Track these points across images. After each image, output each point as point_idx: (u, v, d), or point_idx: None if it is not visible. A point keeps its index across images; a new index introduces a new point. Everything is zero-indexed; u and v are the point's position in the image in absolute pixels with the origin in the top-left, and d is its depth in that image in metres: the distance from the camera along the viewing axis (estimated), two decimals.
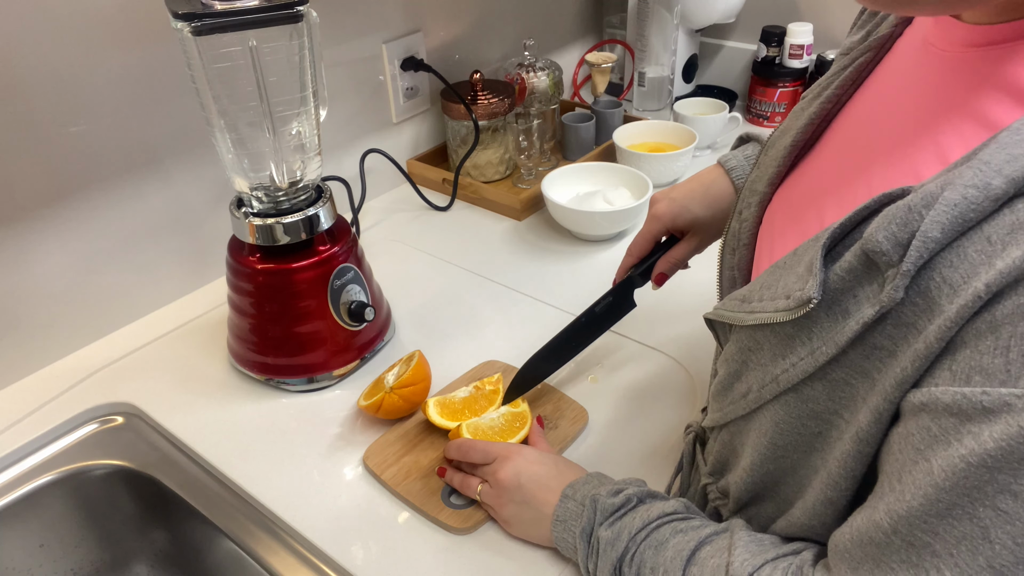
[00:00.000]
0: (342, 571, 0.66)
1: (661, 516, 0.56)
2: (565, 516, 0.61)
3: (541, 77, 1.29)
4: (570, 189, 1.16)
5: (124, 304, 0.96)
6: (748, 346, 0.51)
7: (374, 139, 1.22)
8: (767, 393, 0.49)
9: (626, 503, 0.58)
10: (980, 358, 0.36)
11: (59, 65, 0.80)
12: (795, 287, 0.45)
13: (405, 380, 0.78)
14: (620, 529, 0.57)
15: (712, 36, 1.56)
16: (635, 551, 0.55)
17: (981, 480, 0.36)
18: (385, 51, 1.18)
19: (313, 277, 0.81)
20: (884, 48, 0.54)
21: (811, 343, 0.45)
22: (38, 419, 0.83)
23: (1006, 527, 0.36)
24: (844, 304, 0.43)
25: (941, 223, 0.37)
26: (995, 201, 0.36)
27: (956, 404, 0.37)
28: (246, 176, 0.80)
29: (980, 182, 0.36)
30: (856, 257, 0.42)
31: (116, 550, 0.84)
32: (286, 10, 0.70)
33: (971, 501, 0.37)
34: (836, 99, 0.55)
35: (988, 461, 0.35)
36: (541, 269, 1.06)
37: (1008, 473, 0.35)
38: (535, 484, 0.65)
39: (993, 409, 0.35)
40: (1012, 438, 0.34)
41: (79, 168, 0.86)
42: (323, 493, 0.73)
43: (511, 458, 0.67)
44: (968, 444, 0.36)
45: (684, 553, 0.52)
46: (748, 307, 0.49)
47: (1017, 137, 0.36)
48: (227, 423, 0.82)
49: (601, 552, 0.57)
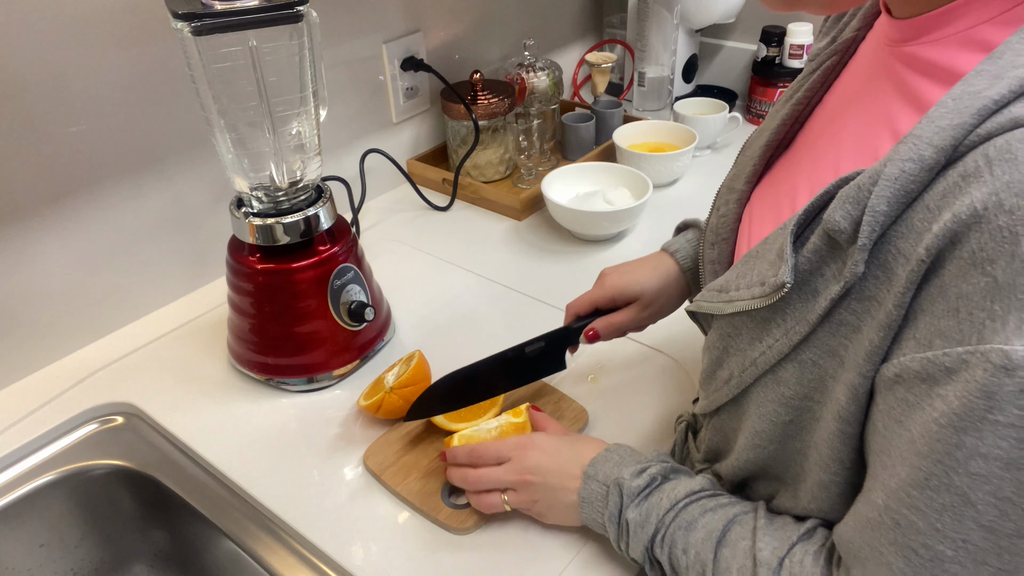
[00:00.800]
0: (342, 571, 0.66)
1: (689, 495, 0.57)
2: (591, 497, 0.61)
3: (541, 77, 1.29)
4: (570, 189, 1.16)
5: (124, 304, 0.96)
6: (728, 332, 0.53)
7: (374, 139, 1.22)
8: (747, 377, 0.51)
9: (651, 483, 0.59)
10: (937, 322, 0.39)
11: (59, 65, 0.80)
12: (769, 273, 0.47)
13: (405, 380, 0.78)
14: (648, 510, 0.57)
15: (712, 36, 1.56)
16: (664, 532, 0.56)
17: (951, 444, 0.38)
18: (385, 51, 1.18)
19: (313, 277, 0.81)
20: (849, 51, 0.57)
21: (785, 324, 0.47)
22: (38, 419, 0.83)
23: (984, 487, 0.38)
24: (814, 284, 0.45)
25: (886, 197, 0.40)
26: (930, 171, 0.39)
27: (924, 370, 0.39)
28: (246, 176, 0.80)
29: (915, 155, 0.39)
30: (820, 238, 0.45)
31: (116, 550, 0.84)
32: (286, 10, 0.70)
33: (945, 469, 0.39)
34: (807, 101, 0.58)
35: (955, 421, 0.38)
36: (541, 269, 1.06)
37: (974, 435, 0.37)
38: (556, 475, 0.64)
39: (954, 368, 0.38)
40: (971, 394, 0.37)
41: (79, 168, 0.86)
42: (323, 493, 0.73)
43: (527, 453, 0.65)
44: (939, 406, 0.38)
45: (715, 534, 0.53)
46: (726, 296, 0.52)
47: (943, 110, 0.39)
48: (227, 423, 0.82)
49: (632, 533, 0.58)
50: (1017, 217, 0.35)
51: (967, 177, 0.38)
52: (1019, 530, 0.37)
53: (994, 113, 0.38)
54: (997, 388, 0.36)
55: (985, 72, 0.39)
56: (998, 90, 0.38)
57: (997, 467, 0.37)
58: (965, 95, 0.39)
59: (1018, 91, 0.37)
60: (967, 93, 0.39)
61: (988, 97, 0.38)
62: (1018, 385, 0.35)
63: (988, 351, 0.36)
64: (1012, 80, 0.37)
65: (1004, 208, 0.35)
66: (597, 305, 0.77)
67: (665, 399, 0.82)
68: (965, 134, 0.38)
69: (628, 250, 1.10)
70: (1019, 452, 0.36)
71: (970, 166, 0.38)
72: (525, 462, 0.65)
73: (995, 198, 0.36)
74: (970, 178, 0.37)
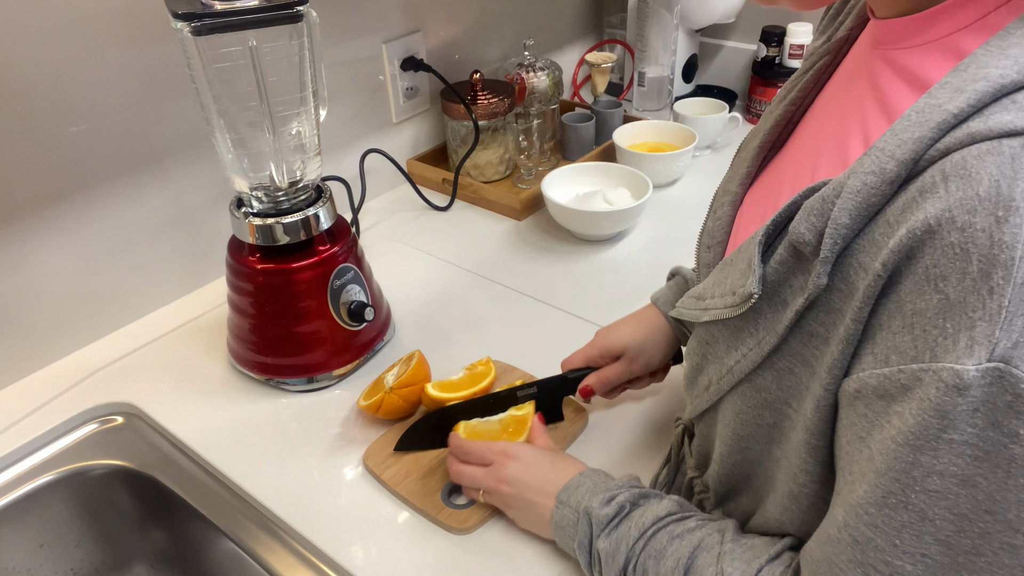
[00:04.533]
0: (342, 571, 0.67)
1: (656, 521, 0.57)
2: (563, 523, 0.61)
3: (541, 77, 1.29)
4: (570, 189, 1.16)
5: (124, 304, 0.96)
6: (706, 339, 0.54)
7: (374, 139, 1.22)
8: (725, 384, 0.52)
9: (620, 511, 0.58)
10: (894, 338, 0.39)
11: (59, 65, 0.80)
12: (739, 283, 0.48)
13: (405, 380, 0.78)
14: (618, 540, 0.57)
15: (712, 36, 1.56)
16: (635, 561, 0.56)
17: (908, 463, 0.38)
18: (385, 51, 1.18)
19: (313, 277, 0.81)
20: (842, 51, 0.56)
21: (757, 334, 0.48)
22: (38, 419, 0.83)
23: (941, 503, 0.38)
24: (783, 295, 0.46)
25: (848, 209, 0.40)
26: (891, 184, 0.39)
27: (881, 386, 0.39)
28: (246, 176, 0.80)
29: (877, 168, 0.39)
30: (787, 249, 0.45)
31: (116, 550, 0.84)
32: (286, 10, 0.70)
33: (903, 488, 0.39)
34: (799, 101, 0.58)
35: (911, 440, 0.38)
36: (541, 269, 1.06)
37: (929, 454, 0.37)
38: (532, 489, 0.65)
39: (909, 385, 0.38)
40: (925, 412, 0.37)
41: (79, 168, 0.86)
42: (323, 493, 0.73)
43: (507, 463, 0.66)
44: (896, 424, 0.39)
45: (683, 562, 0.53)
46: (703, 304, 0.52)
47: (907, 123, 0.39)
48: (227, 423, 0.82)
49: (604, 564, 0.58)
50: (968, 235, 0.35)
51: (924, 192, 0.37)
52: (975, 547, 0.38)
53: (953, 127, 0.37)
54: (951, 408, 0.36)
55: (948, 84, 0.39)
56: (957, 104, 0.37)
57: (953, 484, 0.37)
58: (927, 108, 0.39)
59: (976, 105, 0.37)
60: (930, 106, 0.39)
61: (948, 111, 0.37)
62: (970, 405, 0.35)
63: (940, 370, 0.36)
64: (971, 94, 0.37)
65: (956, 225, 0.35)
66: (587, 361, 0.78)
67: (665, 398, 0.82)
68: (925, 148, 0.38)
69: (628, 250, 1.10)
70: (974, 469, 0.36)
71: (927, 181, 0.37)
72: (504, 471, 0.66)
73: (948, 214, 0.36)
74: (927, 193, 0.37)
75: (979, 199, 0.35)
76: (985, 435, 0.36)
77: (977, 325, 0.35)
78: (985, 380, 0.35)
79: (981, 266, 0.35)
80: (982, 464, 0.36)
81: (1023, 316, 0.34)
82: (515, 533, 0.68)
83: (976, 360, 0.35)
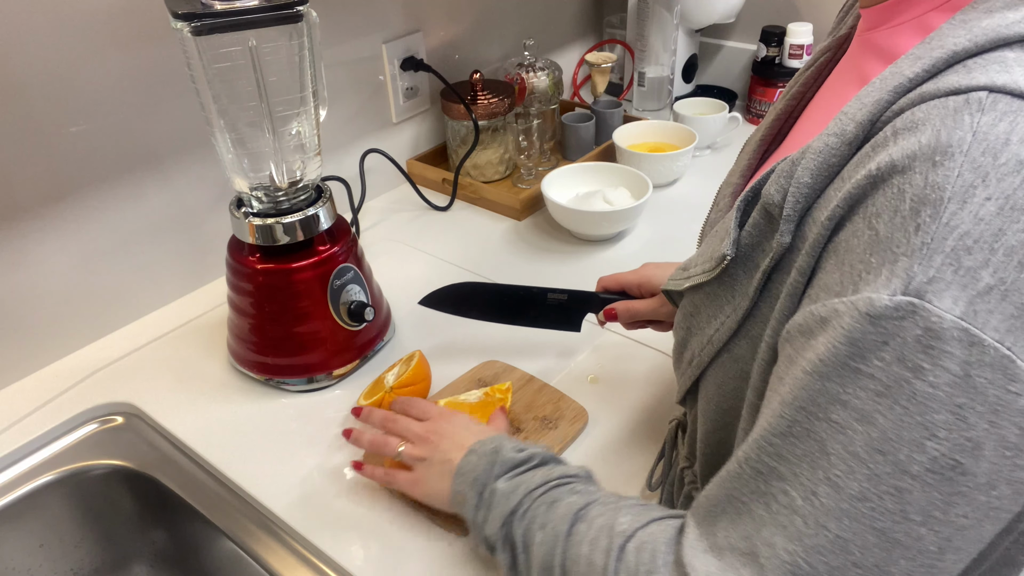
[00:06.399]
0: (342, 571, 0.67)
1: (562, 477, 0.56)
2: (466, 468, 0.60)
3: (541, 77, 1.29)
4: (570, 189, 1.16)
5: (124, 304, 0.96)
6: (689, 311, 0.54)
7: (374, 139, 1.22)
8: (706, 356, 0.52)
9: (528, 460, 0.59)
10: (825, 277, 0.40)
11: (59, 65, 0.80)
12: (718, 249, 0.49)
13: (405, 380, 0.78)
14: (518, 484, 0.56)
15: (712, 36, 1.56)
16: (529, 506, 0.54)
17: (815, 391, 0.38)
18: (385, 51, 1.18)
19: (313, 277, 0.81)
20: (842, 48, 0.58)
21: (734, 300, 0.48)
22: (38, 419, 0.83)
23: (839, 437, 0.37)
24: (755, 259, 0.47)
25: (810, 169, 0.42)
26: (850, 145, 0.41)
27: (804, 323, 0.40)
28: (246, 176, 0.80)
29: (838, 130, 0.41)
30: (759, 213, 0.46)
31: (116, 550, 0.84)
32: (286, 10, 0.70)
33: (808, 416, 0.38)
34: (800, 96, 0.60)
35: (820, 367, 0.38)
36: (541, 269, 1.06)
37: (836, 381, 0.37)
38: (450, 443, 0.64)
39: (827, 318, 0.38)
40: (836, 340, 0.37)
41: (79, 168, 0.86)
42: (323, 493, 0.73)
43: (441, 421, 0.68)
44: (808, 356, 0.39)
45: (574, 509, 0.52)
46: (686, 274, 0.53)
47: (870, 88, 0.41)
48: (227, 423, 0.82)
49: (494, 504, 0.56)
50: (907, 177, 0.36)
51: (876, 147, 0.39)
52: (862, 491, 0.37)
53: (908, 91, 0.39)
54: (861, 336, 0.36)
55: (912, 55, 0.41)
56: (913, 69, 0.39)
57: (853, 418, 0.37)
58: (890, 75, 0.41)
59: (931, 71, 0.39)
60: (892, 73, 0.41)
61: (905, 76, 0.39)
62: (881, 336, 0.35)
63: (857, 300, 0.36)
64: (927, 60, 0.39)
65: (897, 168, 0.37)
66: (624, 286, 0.78)
67: (665, 398, 0.82)
68: (883, 110, 0.40)
69: (628, 250, 1.10)
70: (873, 405, 0.36)
71: (879, 138, 0.39)
72: (436, 424, 0.67)
73: (889, 159, 0.37)
74: (878, 148, 0.39)
75: (920, 146, 0.36)
76: (890, 370, 0.35)
77: (899, 260, 0.35)
78: (898, 312, 0.35)
79: (912, 205, 0.36)
80: (882, 400, 0.36)
81: (943, 254, 0.34)
82: None
83: (891, 291, 0.35)
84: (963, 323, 0.34)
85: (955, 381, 0.34)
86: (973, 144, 0.35)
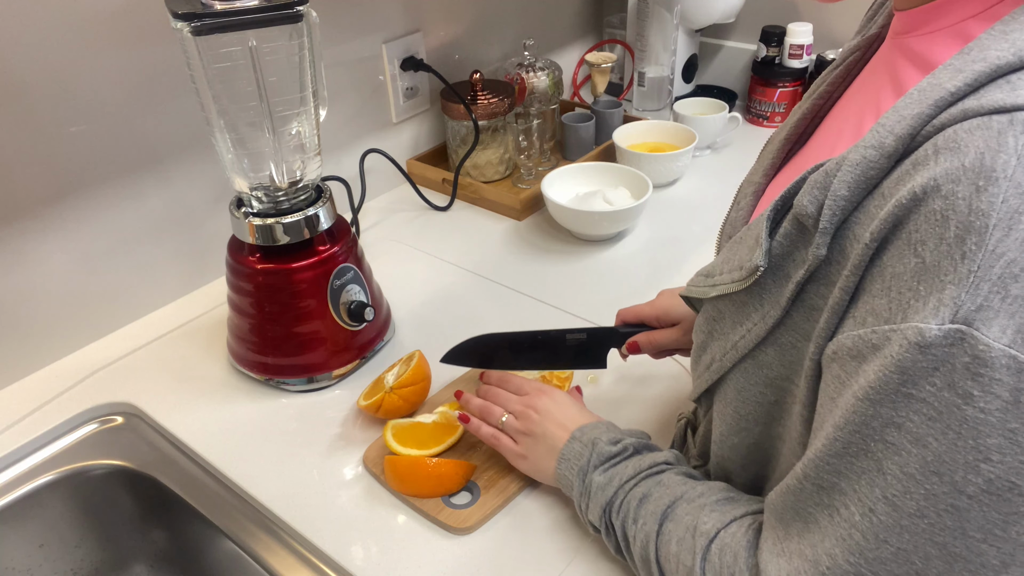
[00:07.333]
0: (342, 571, 0.67)
1: (652, 466, 0.60)
2: (569, 455, 0.65)
3: (541, 77, 1.29)
4: (570, 189, 1.16)
5: (124, 304, 0.96)
6: (712, 316, 0.54)
7: (374, 139, 1.22)
8: (728, 361, 0.52)
9: (622, 452, 0.62)
10: (872, 301, 0.40)
11: (59, 65, 0.80)
12: (747, 258, 0.49)
13: (405, 380, 0.78)
14: (612, 476, 0.61)
15: (712, 36, 1.56)
16: (622, 500, 0.59)
17: (868, 415, 0.39)
18: (385, 51, 1.18)
19: (313, 277, 0.81)
20: (872, 48, 0.57)
21: (762, 308, 0.48)
22: (38, 419, 0.83)
23: (894, 458, 0.38)
24: (786, 268, 0.47)
25: (847, 182, 0.41)
26: (889, 158, 0.40)
27: (855, 347, 0.40)
28: (246, 176, 0.80)
29: (876, 142, 0.40)
30: (791, 223, 0.46)
31: (116, 550, 0.84)
32: (286, 10, 0.70)
33: (863, 437, 0.39)
34: (828, 95, 0.59)
35: (871, 395, 0.38)
36: (541, 269, 1.06)
37: (888, 406, 0.38)
38: (554, 422, 0.68)
39: (879, 345, 0.38)
40: (886, 368, 0.37)
41: (79, 168, 0.86)
42: (323, 493, 0.73)
43: (541, 396, 0.71)
44: (860, 381, 0.39)
45: (662, 507, 0.56)
46: (711, 281, 0.53)
47: (908, 100, 0.41)
48: (227, 423, 0.82)
49: (592, 495, 0.61)
50: (950, 202, 0.36)
51: (917, 165, 0.39)
52: (920, 509, 0.38)
53: (950, 105, 0.39)
54: (911, 364, 0.37)
55: (951, 66, 0.40)
56: (955, 83, 0.39)
57: (907, 440, 0.38)
58: (929, 87, 0.40)
59: (973, 84, 0.38)
60: (931, 85, 0.40)
61: (946, 89, 0.39)
62: (931, 363, 0.36)
63: (906, 329, 0.37)
64: (969, 74, 0.38)
65: (940, 193, 0.36)
66: (643, 319, 0.78)
67: (667, 400, 0.82)
68: (923, 124, 0.39)
69: (628, 250, 1.10)
70: (926, 429, 0.37)
71: (920, 155, 0.39)
72: (536, 400, 0.71)
73: (933, 183, 0.37)
74: (919, 165, 0.38)
75: (963, 169, 0.36)
76: (941, 395, 0.36)
77: (947, 288, 0.36)
78: (947, 340, 0.35)
79: (957, 232, 0.36)
80: (935, 424, 0.37)
81: (990, 282, 0.35)
82: (515, 534, 0.68)
83: (940, 320, 0.36)
84: (1011, 351, 0.35)
85: (1006, 407, 0.35)
86: (1018, 169, 0.35)
